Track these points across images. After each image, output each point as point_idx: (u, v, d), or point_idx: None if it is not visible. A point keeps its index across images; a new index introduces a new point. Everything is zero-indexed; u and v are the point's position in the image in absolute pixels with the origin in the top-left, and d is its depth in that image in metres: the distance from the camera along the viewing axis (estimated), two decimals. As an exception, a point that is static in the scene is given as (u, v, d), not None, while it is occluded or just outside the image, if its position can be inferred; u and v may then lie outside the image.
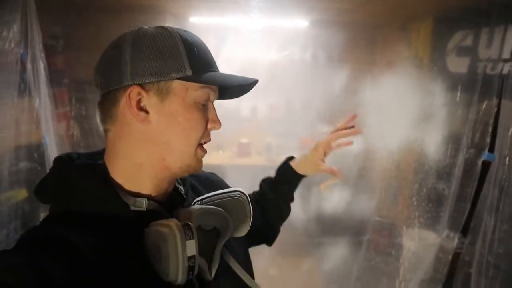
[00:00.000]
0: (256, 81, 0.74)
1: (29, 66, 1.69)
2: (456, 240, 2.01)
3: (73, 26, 2.11)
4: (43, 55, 1.74)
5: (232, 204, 0.77)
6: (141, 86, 0.66)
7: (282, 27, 2.54)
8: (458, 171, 1.95)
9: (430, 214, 2.06)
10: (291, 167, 1.10)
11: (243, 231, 0.80)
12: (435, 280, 2.10)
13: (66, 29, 2.10)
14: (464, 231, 1.97)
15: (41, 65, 1.75)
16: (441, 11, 2.12)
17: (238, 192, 0.79)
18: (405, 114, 2.06)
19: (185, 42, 0.68)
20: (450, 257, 2.05)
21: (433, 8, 2.10)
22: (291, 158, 1.13)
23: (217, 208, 0.75)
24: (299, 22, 2.49)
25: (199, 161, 0.74)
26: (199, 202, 0.78)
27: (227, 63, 2.77)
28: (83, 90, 2.14)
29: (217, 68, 0.74)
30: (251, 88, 0.77)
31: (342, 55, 2.42)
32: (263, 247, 1.10)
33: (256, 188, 1.14)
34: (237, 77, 0.73)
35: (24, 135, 1.70)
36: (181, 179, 0.83)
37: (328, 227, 2.28)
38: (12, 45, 1.59)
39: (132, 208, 0.67)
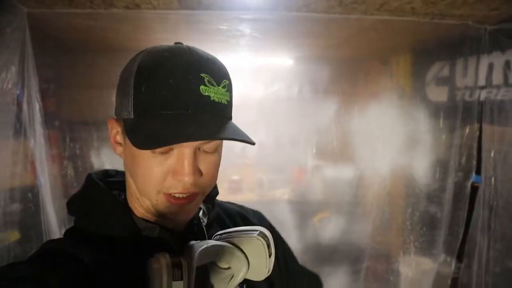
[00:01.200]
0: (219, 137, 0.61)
1: (25, 106, 1.71)
2: (453, 265, 2.03)
3: (64, 67, 2.16)
4: (38, 95, 1.77)
5: (248, 245, 0.70)
6: (117, 120, 0.67)
7: (268, 65, 2.64)
8: (448, 194, 2.01)
9: (425, 238, 2.08)
10: None
11: (259, 276, 0.72)
12: (435, 307, 2.09)
13: (58, 70, 2.14)
14: (460, 255, 2.00)
15: (37, 106, 1.77)
16: (418, 45, 2.26)
17: (258, 232, 0.71)
18: (392, 142, 2.13)
19: (139, 73, 0.60)
20: (449, 281, 2.06)
21: (411, 42, 2.24)
22: None
23: (230, 246, 0.68)
24: (285, 60, 2.60)
25: (166, 212, 0.65)
26: (217, 237, 0.72)
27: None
28: (77, 130, 2.16)
29: (186, 107, 0.59)
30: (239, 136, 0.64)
31: (328, 88, 2.52)
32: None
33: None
34: (185, 132, 0.57)
35: (18, 176, 1.69)
36: (207, 210, 0.79)
37: (325, 257, 2.26)
38: (10, 86, 1.62)
39: (144, 233, 0.68)
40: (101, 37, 2.12)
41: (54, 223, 1.78)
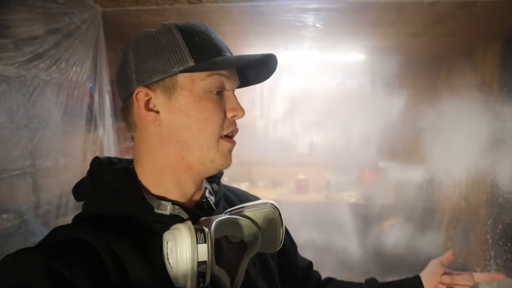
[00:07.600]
0: (270, 56, 0.69)
1: (96, 98, 1.86)
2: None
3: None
4: (109, 88, 1.90)
5: (261, 217, 0.72)
6: (148, 87, 0.67)
7: (336, 57, 2.52)
8: (542, 205, 1.71)
9: (510, 255, 1.79)
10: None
11: (272, 248, 0.74)
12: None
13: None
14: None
15: (107, 99, 1.91)
16: (510, 31, 1.96)
17: (269, 205, 0.74)
18: (472, 142, 1.87)
19: (184, 33, 0.67)
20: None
21: (500, 28, 1.95)
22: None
23: (243, 218, 0.70)
24: (354, 52, 2.45)
25: (224, 155, 0.69)
26: (228, 213, 0.74)
27: (283, 99, 2.80)
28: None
29: (228, 52, 0.71)
30: (273, 68, 0.73)
31: (402, 82, 2.32)
32: None
33: (310, 222, 0.99)
34: (243, 56, 0.69)
35: (88, 160, 1.82)
36: (213, 190, 0.80)
37: (390, 266, 2.06)
38: (84, 79, 1.76)
39: (156, 211, 0.67)
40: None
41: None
